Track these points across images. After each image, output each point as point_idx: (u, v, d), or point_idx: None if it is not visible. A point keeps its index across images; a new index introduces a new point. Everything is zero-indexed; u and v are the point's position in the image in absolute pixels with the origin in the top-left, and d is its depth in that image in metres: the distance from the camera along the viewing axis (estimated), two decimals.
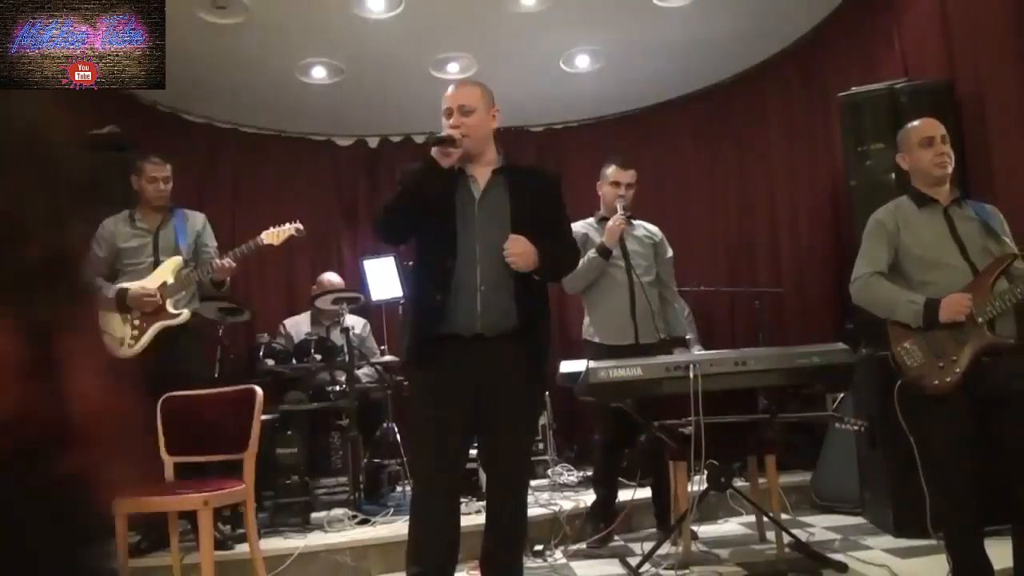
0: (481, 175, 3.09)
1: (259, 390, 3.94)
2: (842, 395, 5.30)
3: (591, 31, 5.93)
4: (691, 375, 3.55)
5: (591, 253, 4.62)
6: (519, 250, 2.96)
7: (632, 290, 4.57)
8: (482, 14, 5.63)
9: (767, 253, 6.64)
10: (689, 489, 3.97)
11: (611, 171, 4.75)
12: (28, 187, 0.93)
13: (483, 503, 3.36)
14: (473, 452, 3.56)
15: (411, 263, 3.24)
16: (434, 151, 2.96)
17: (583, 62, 6.32)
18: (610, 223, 4.56)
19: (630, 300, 4.56)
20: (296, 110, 6.82)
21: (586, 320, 4.78)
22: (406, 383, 3.53)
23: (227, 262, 4.46)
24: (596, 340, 4.66)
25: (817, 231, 6.27)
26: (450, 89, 3.12)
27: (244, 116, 6.96)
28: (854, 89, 4.86)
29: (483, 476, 3.75)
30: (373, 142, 7.53)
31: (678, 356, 3.89)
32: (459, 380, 2.97)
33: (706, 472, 3.81)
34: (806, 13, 5.96)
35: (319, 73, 6.23)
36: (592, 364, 3.60)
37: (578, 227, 4.76)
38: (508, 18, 5.63)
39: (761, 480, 4.43)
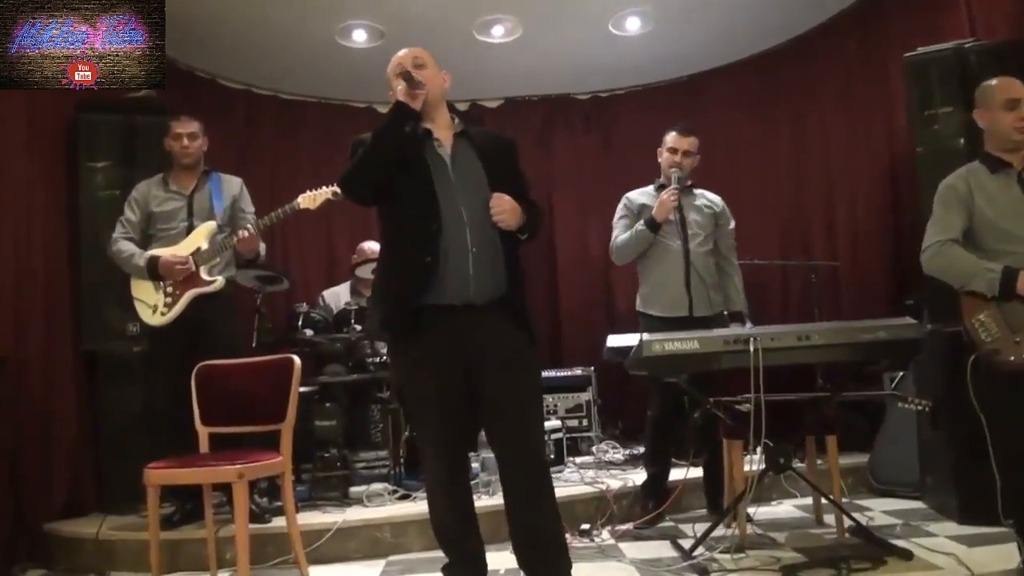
0: (444, 139, 3.02)
1: (297, 360, 3.81)
2: (902, 373, 5.07)
3: None
4: (752, 349, 3.35)
5: (639, 225, 4.45)
6: (507, 207, 2.88)
7: (687, 260, 4.38)
8: None
9: (822, 225, 6.37)
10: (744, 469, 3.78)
11: (670, 137, 4.59)
12: None
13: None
14: None
15: (384, 234, 3.06)
16: (402, 92, 2.87)
17: (633, 24, 6.05)
18: (662, 196, 4.40)
19: (684, 271, 4.37)
20: (336, 75, 6.63)
21: (640, 291, 4.61)
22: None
23: (244, 233, 4.31)
24: (650, 312, 4.49)
25: (875, 202, 6.00)
26: (394, 59, 3.10)
27: (284, 82, 6.79)
28: (920, 49, 4.58)
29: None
30: None
31: (737, 329, 3.68)
32: (451, 353, 2.86)
33: (763, 452, 3.62)
34: None
35: (360, 36, 6.03)
36: (646, 336, 3.40)
37: (635, 195, 4.64)
38: None
39: (818, 461, 4.23)
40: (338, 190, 4.32)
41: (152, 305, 4.34)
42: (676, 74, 6.98)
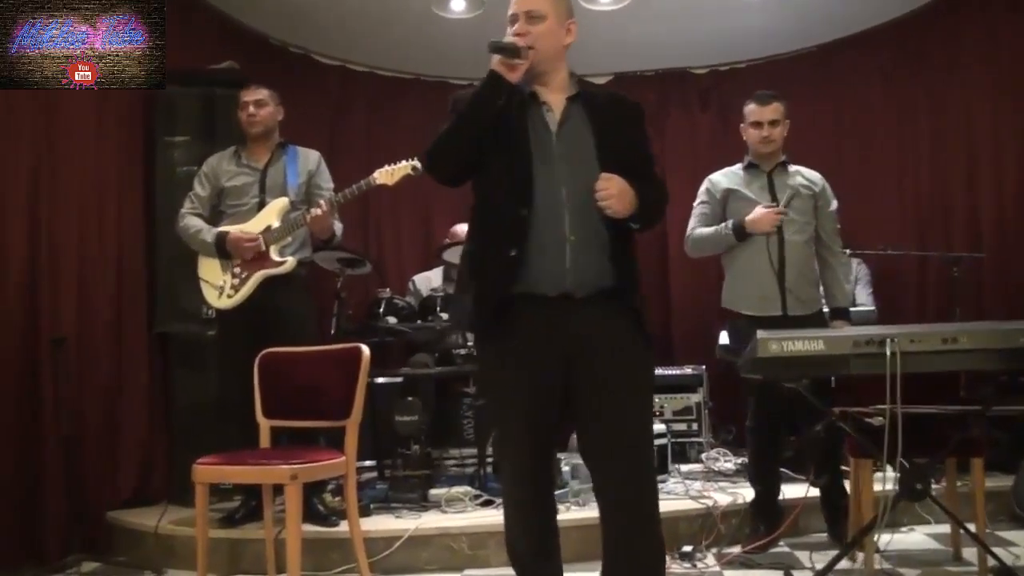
0: (555, 102, 2.52)
1: (365, 349, 3.44)
2: None
3: None
4: (888, 352, 2.80)
5: (725, 228, 3.92)
6: (616, 190, 2.36)
7: (782, 253, 3.85)
8: None
9: (965, 212, 5.68)
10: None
11: (750, 110, 4.04)
12: None
13: None
14: None
15: (471, 215, 2.59)
16: (496, 62, 2.38)
17: None
18: (766, 211, 3.84)
19: (779, 264, 3.84)
20: (435, 50, 6.27)
21: (726, 286, 4.07)
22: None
23: (317, 211, 3.95)
24: (736, 309, 3.97)
25: None
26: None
27: (379, 58, 6.45)
28: None
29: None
30: None
31: (870, 329, 3.13)
32: (545, 349, 2.40)
33: (898, 475, 3.06)
34: None
35: (457, 5, 5.63)
36: (762, 334, 2.89)
37: (719, 178, 4.10)
38: None
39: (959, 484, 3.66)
40: (418, 164, 4.01)
41: (218, 287, 4.04)
42: (802, 44, 6.33)
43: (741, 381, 3.84)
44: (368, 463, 4.95)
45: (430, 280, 5.67)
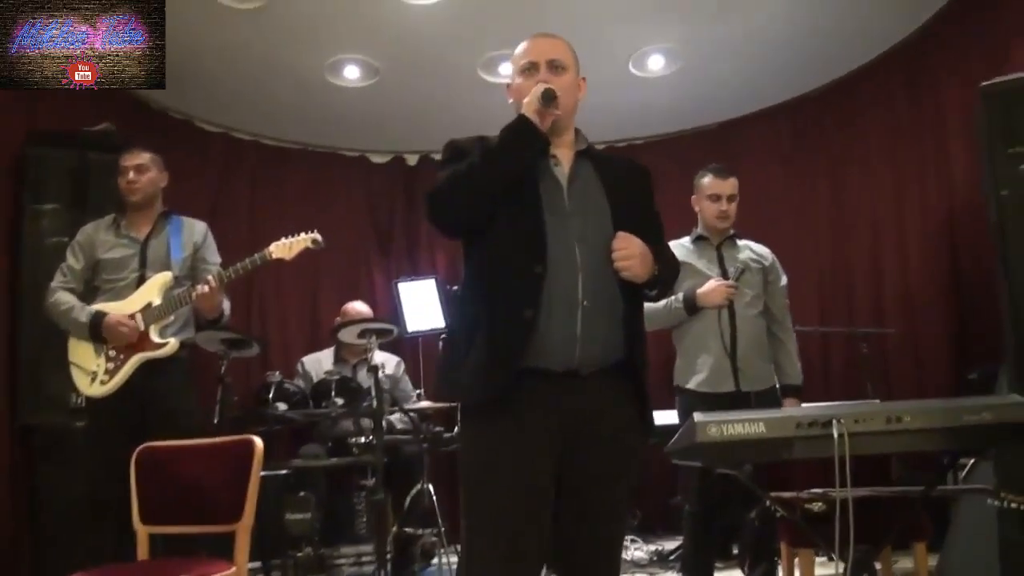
0: (563, 157, 2.34)
1: (258, 442, 3.05)
2: (972, 461, 4.34)
3: (667, 26, 5.07)
4: (835, 434, 2.61)
5: (676, 302, 3.75)
6: (636, 251, 2.19)
7: (733, 326, 3.70)
8: (540, 4, 4.79)
9: (868, 289, 5.70)
10: None
11: (707, 181, 3.92)
12: None
13: None
14: None
15: (470, 273, 2.35)
16: (532, 109, 2.19)
17: (656, 64, 5.44)
18: (719, 285, 3.69)
19: (731, 339, 3.69)
20: (325, 119, 6.03)
21: (678, 362, 3.89)
22: (456, 434, 2.40)
23: (204, 287, 3.59)
24: (687, 386, 3.77)
25: (929, 262, 5.34)
26: (529, 42, 2.39)
27: (266, 126, 6.18)
28: (1001, 78, 3.93)
29: None
30: (412, 159, 6.71)
31: (812, 409, 2.96)
32: (545, 433, 2.14)
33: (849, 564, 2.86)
34: (918, 5, 5.09)
35: (352, 73, 5.42)
36: (699, 417, 2.65)
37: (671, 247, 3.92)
38: (570, 8, 4.79)
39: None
40: (318, 238, 3.71)
41: (91, 372, 3.61)
42: (703, 121, 6.37)
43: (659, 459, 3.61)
44: (252, 565, 4.52)
45: (320, 362, 5.33)
